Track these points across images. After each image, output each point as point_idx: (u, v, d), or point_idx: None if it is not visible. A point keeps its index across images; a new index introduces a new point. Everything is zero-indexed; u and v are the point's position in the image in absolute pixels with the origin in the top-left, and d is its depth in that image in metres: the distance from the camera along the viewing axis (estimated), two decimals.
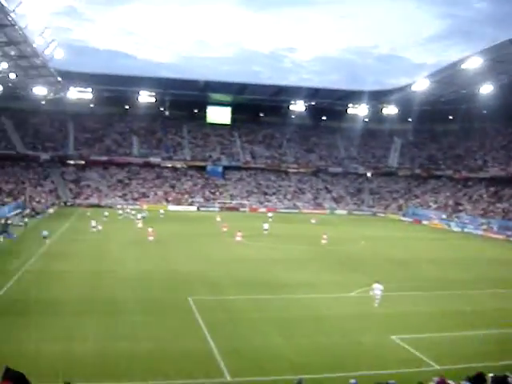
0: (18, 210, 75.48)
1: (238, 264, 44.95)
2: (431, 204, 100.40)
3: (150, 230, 57.48)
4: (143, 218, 72.27)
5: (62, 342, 24.09)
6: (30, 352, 22.67)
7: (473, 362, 21.91)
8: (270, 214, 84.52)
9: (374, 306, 32.18)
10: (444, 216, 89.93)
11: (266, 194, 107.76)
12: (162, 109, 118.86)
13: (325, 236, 59.22)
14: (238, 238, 57.47)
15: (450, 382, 17.84)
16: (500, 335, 27.04)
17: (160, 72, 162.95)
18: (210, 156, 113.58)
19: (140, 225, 66.69)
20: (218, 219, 78.62)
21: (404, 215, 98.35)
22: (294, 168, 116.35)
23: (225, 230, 64.74)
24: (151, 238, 55.80)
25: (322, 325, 28.10)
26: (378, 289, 32.71)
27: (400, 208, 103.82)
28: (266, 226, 64.93)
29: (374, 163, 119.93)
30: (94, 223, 61.25)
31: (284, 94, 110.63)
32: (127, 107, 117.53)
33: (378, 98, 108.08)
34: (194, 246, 53.63)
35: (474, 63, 76.74)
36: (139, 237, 57.57)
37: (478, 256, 55.50)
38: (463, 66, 79.25)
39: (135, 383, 19.99)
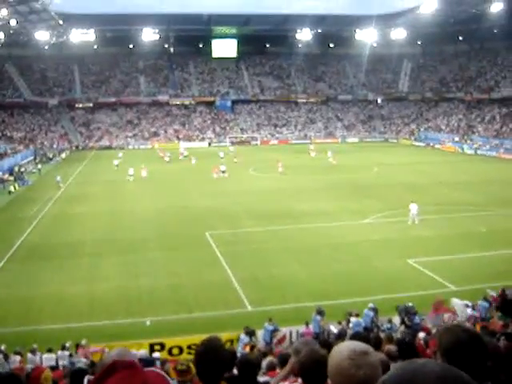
0: (31, 157, 75.87)
1: (252, 196, 45.15)
2: (443, 127, 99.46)
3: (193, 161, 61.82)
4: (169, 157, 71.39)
5: (84, 283, 24.66)
6: (53, 294, 23.25)
7: (490, 282, 22.19)
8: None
9: (411, 226, 33.32)
10: (456, 139, 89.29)
11: (276, 125, 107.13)
12: (166, 46, 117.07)
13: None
14: (251, 172, 57.61)
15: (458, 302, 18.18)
16: None
17: (162, 7, 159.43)
18: (218, 91, 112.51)
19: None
20: (231, 149, 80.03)
21: (416, 140, 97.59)
22: (303, 98, 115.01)
23: (236, 161, 65.04)
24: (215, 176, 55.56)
25: (339, 252, 28.48)
26: (414, 208, 34.09)
27: (412, 133, 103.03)
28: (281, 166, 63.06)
29: (384, 89, 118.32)
30: (131, 171, 56.22)
31: (290, 22, 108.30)
32: (131, 46, 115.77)
33: (386, 21, 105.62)
34: (207, 181, 53.68)
35: None
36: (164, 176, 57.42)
37: (491, 178, 55.08)
38: None
39: (159, 318, 20.51)
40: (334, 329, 17.40)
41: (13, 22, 76.29)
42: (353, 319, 17.52)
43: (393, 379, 1.97)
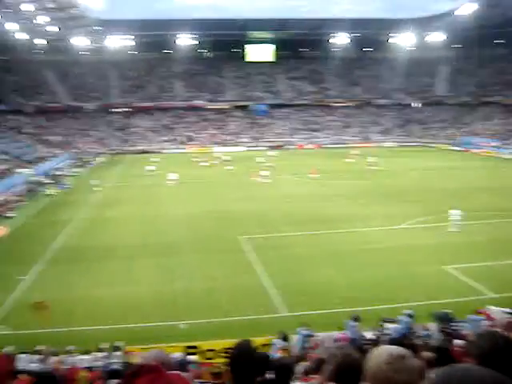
0: (69, 161, 77.01)
1: (287, 201, 44.86)
2: (482, 132, 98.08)
3: (229, 166, 57.65)
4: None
5: (119, 286, 24.87)
6: (88, 296, 23.49)
7: None
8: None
9: (449, 232, 32.67)
10: (495, 144, 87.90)
11: (312, 130, 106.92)
12: (201, 51, 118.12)
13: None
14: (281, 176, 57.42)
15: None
16: None
17: (197, 14, 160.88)
18: (254, 95, 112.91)
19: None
20: (270, 153, 79.86)
21: (454, 145, 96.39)
22: (339, 102, 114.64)
23: (272, 165, 64.92)
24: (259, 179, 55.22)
25: (375, 257, 28.19)
26: (456, 214, 33.42)
27: (449, 137, 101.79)
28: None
29: (421, 93, 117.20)
30: (173, 176, 56.08)
31: (326, 26, 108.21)
32: (167, 51, 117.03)
33: (422, 24, 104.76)
34: (242, 185, 53.76)
35: None
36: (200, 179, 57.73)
37: None
38: None
39: (193, 321, 20.53)
40: (370, 335, 17.19)
41: (53, 29, 77.80)
42: (388, 325, 17.29)
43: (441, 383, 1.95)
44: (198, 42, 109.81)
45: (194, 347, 17.05)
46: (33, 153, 74.63)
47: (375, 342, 15.02)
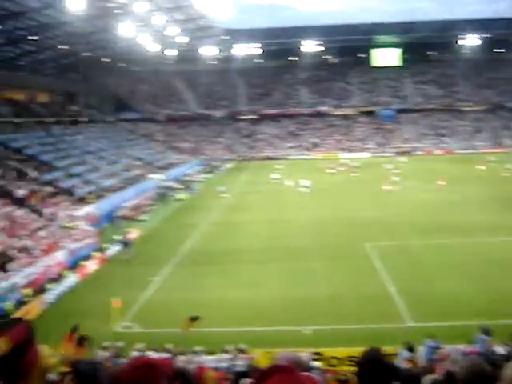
0: (198, 167, 79.39)
1: (415, 208, 43.78)
2: None
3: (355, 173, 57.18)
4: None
5: (245, 289, 25.26)
6: (215, 299, 24.07)
7: None
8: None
9: None
10: None
11: (440, 135, 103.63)
12: (327, 57, 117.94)
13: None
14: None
15: None
16: None
17: (322, 20, 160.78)
18: (380, 100, 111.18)
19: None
20: (401, 159, 78.27)
21: None
22: (469, 106, 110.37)
23: (399, 172, 63.25)
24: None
25: (507, 269, 26.75)
26: None
27: None
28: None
29: None
30: (305, 182, 55.24)
31: (454, 28, 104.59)
32: (293, 59, 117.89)
33: None
34: (370, 192, 52.83)
35: None
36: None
37: None
38: None
39: (317, 327, 20.39)
40: (502, 350, 16.33)
41: (182, 39, 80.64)
42: None
43: None
44: (323, 49, 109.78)
45: (318, 353, 16.95)
46: (164, 159, 77.65)
47: (508, 358, 14.27)
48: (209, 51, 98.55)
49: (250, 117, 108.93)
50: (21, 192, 40.32)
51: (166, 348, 16.80)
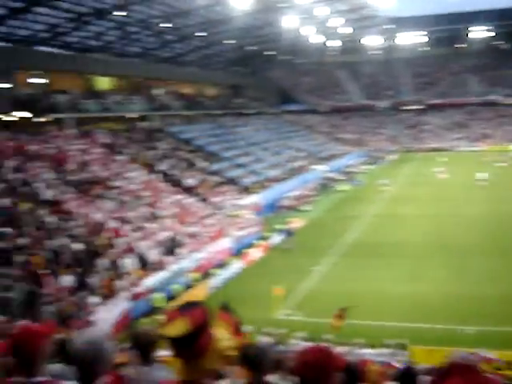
0: (360, 158, 78.84)
1: None
2: None
3: None
4: None
5: (407, 284, 24.92)
6: (376, 291, 24.00)
7: None
8: None
9: None
10: None
11: None
12: (497, 43, 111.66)
13: None
14: None
15: None
16: None
17: (492, 4, 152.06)
18: None
19: None
20: None
21: None
22: None
23: None
24: None
25: None
26: None
27: None
28: None
29: None
30: (482, 176, 51.52)
31: None
32: (460, 46, 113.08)
33: None
34: None
35: None
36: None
37: None
38: None
39: (480, 328, 19.51)
40: None
41: (345, 30, 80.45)
42: None
43: None
44: (494, 34, 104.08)
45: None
46: (326, 150, 77.99)
47: None
48: (372, 41, 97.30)
49: (415, 107, 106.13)
50: (190, 181, 42.52)
51: (324, 338, 16.97)
